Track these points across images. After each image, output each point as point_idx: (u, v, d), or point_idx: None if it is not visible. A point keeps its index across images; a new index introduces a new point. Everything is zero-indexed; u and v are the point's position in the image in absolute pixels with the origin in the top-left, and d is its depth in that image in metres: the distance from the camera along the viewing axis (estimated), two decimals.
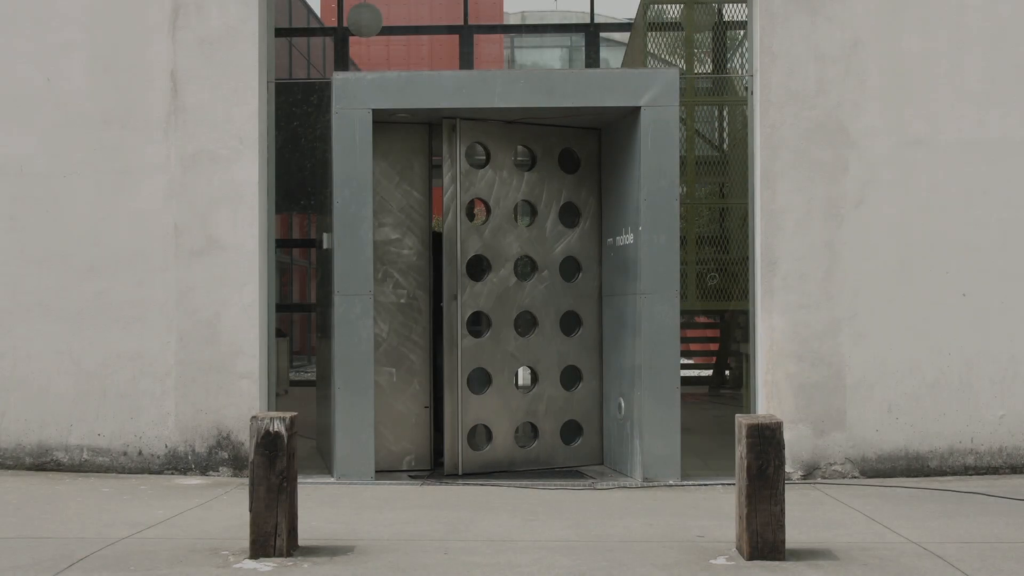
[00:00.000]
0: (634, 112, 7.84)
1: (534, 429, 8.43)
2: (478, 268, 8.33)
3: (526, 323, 8.50)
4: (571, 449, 8.48)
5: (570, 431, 8.50)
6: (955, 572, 5.24)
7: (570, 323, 8.52)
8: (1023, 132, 7.92)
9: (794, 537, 5.74)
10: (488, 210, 8.32)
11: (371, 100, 7.84)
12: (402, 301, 8.30)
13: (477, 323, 8.38)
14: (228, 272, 7.97)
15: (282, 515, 5.46)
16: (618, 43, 21.01)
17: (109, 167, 8.06)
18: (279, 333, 10.96)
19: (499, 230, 8.30)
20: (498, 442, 8.25)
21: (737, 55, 12.52)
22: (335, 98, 7.87)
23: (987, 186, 7.91)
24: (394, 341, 8.27)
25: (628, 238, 7.98)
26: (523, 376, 8.97)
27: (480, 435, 8.31)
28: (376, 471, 7.80)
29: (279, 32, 10.13)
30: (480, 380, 8.31)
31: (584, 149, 8.57)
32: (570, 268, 8.55)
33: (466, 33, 14.75)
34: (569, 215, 8.57)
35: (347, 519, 6.48)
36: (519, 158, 8.54)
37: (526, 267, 8.59)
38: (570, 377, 8.52)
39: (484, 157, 8.33)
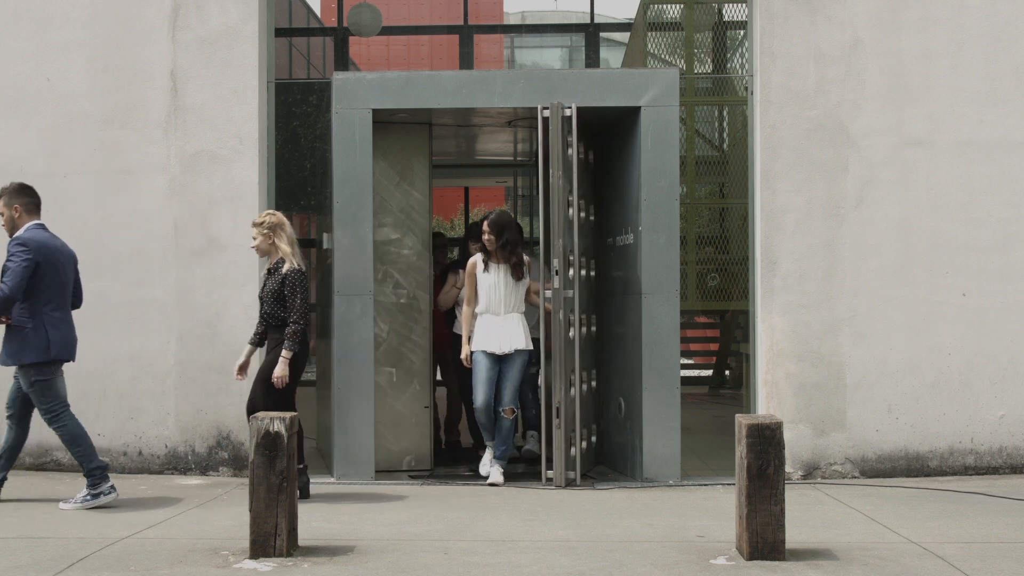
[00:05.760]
0: (634, 112, 7.84)
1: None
2: None
3: None
4: None
5: None
6: (955, 572, 5.24)
7: None
8: (1023, 132, 7.93)
9: (794, 537, 5.74)
10: None
11: (371, 100, 7.84)
12: (402, 301, 8.30)
13: None
14: (228, 272, 7.97)
15: (282, 515, 5.46)
16: (618, 43, 20.98)
17: (109, 167, 8.06)
18: None
19: None
20: None
21: (737, 55, 12.51)
22: (335, 98, 7.87)
23: (987, 186, 7.91)
24: (394, 341, 8.27)
25: (628, 238, 7.98)
26: None
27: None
28: (376, 471, 7.80)
29: (279, 32, 10.12)
30: None
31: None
32: None
33: (466, 33, 14.73)
34: None
35: (347, 519, 6.48)
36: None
37: None
38: None
39: None
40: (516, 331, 7.70)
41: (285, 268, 7.01)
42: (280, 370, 6.92)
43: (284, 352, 6.92)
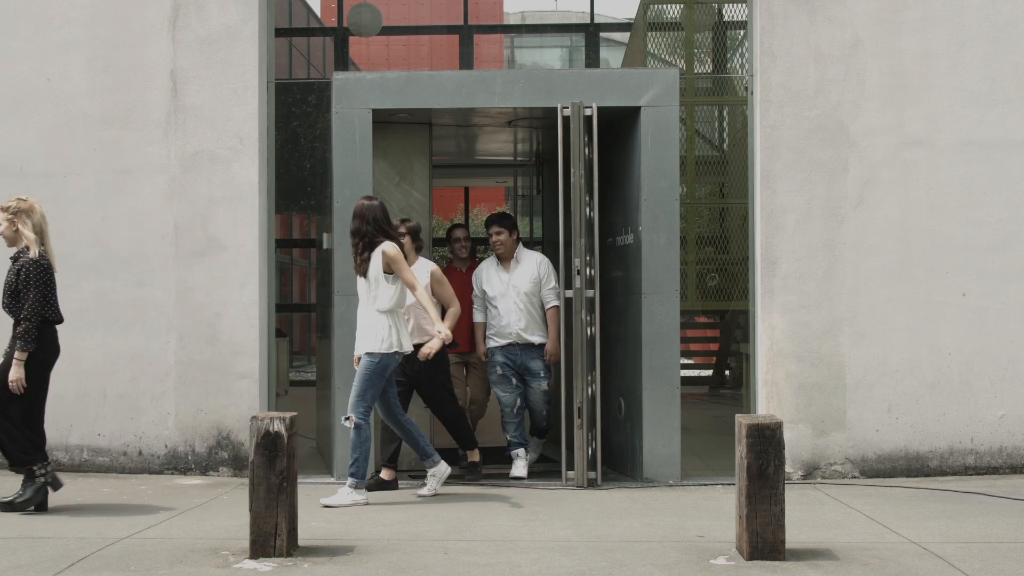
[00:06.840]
0: (634, 112, 7.84)
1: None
2: None
3: None
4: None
5: None
6: (955, 572, 5.24)
7: None
8: (1023, 132, 7.93)
9: (794, 537, 5.73)
10: None
11: (371, 100, 7.84)
12: None
13: None
14: (228, 272, 7.97)
15: (282, 515, 5.46)
16: (618, 43, 20.99)
17: (109, 167, 8.06)
18: (279, 333, 10.94)
19: None
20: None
21: (737, 55, 12.51)
22: (335, 98, 7.87)
23: (987, 186, 7.90)
24: None
25: (628, 238, 7.98)
26: None
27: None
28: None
29: (279, 32, 10.12)
30: None
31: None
32: None
33: (466, 33, 14.74)
34: None
35: (347, 519, 6.48)
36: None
37: None
38: None
39: None
40: (363, 332, 6.97)
41: (23, 258, 6.51)
42: (14, 373, 6.36)
43: (17, 353, 6.37)
